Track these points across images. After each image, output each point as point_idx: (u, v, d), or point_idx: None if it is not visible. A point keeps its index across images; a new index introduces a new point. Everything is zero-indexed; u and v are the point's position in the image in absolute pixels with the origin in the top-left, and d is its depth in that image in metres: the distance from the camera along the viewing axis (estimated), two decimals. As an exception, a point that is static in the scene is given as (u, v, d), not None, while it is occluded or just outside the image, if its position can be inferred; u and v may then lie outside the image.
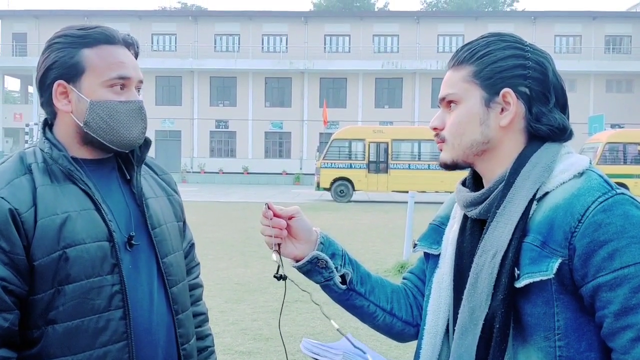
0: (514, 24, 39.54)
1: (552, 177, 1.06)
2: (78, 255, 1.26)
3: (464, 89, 1.12)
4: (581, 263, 0.99)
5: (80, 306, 1.27)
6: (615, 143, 21.43)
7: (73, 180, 1.32)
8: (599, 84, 38.35)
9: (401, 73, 38.78)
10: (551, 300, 1.01)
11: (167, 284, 1.41)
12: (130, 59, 1.39)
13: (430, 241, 1.27)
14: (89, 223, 1.29)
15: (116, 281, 1.31)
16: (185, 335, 1.46)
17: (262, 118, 39.17)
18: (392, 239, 11.23)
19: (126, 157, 1.43)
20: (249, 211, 17.11)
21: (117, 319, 1.30)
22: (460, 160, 1.15)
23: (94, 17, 40.12)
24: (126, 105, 1.35)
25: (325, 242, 1.27)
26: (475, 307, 1.07)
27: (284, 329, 5.38)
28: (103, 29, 1.38)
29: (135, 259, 1.36)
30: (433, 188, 22.10)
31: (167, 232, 1.45)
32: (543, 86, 1.10)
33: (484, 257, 1.07)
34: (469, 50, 1.14)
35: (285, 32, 40.48)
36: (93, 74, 1.33)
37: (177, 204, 1.57)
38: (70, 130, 1.36)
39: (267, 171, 37.44)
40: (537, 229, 1.03)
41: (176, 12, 45.27)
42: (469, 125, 1.11)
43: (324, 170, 22.32)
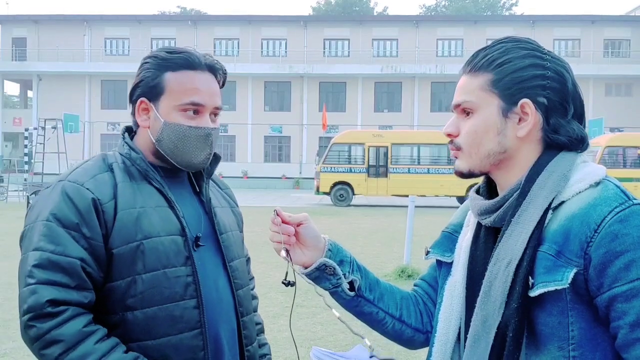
0: (512, 28, 39.62)
1: (568, 187, 1.06)
2: (153, 246, 1.37)
3: (482, 97, 1.10)
4: (597, 273, 0.98)
5: (157, 294, 1.36)
6: (615, 147, 21.46)
7: (149, 180, 1.44)
8: (598, 88, 38.41)
9: (400, 77, 38.83)
10: (566, 309, 1.00)
11: (233, 286, 1.50)
12: (209, 85, 1.46)
13: (443, 249, 1.26)
14: (163, 218, 1.40)
15: (189, 272, 1.40)
16: (249, 337, 1.55)
17: (262, 122, 39.20)
18: (392, 243, 11.21)
19: (197, 170, 1.54)
20: (248, 216, 17.06)
21: (191, 307, 1.39)
22: (477, 170, 1.14)
23: (94, 22, 40.21)
24: (195, 130, 1.43)
25: (333, 249, 1.27)
26: (488, 315, 1.06)
27: (285, 335, 5.35)
28: (187, 54, 1.46)
29: (204, 258, 1.45)
30: (433, 192, 22.11)
31: (232, 239, 1.56)
32: (561, 97, 1.09)
33: (498, 265, 1.06)
34: (487, 57, 1.11)
35: (285, 36, 40.55)
36: (170, 97, 1.43)
37: (239, 215, 1.70)
38: (147, 142, 1.48)
39: (266, 175, 37.43)
40: (552, 238, 1.02)
41: (175, 17, 45.36)
42: (485, 135, 1.10)
43: (323, 175, 22.32)
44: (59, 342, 1.27)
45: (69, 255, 1.31)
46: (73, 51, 39.99)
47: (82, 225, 1.33)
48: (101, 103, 40.23)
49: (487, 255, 1.11)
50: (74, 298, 1.31)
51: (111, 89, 40.17)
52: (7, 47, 40.91)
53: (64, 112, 24.15)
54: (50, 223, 1.33)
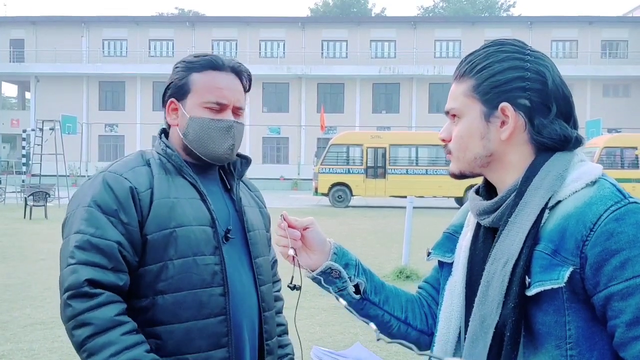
0: (510, 29, 39.66)
1: (564, 186, 1.06)
2: (185, 235, 1.45)
3: (465, 103, 1.13)
4: (593, 272, 0.98)
5: (187, 279, 1.44)
6: (613, 147, 21.49)
7: (183, 174, 1.53)
8: (596, 89, 38.47)
9: (398, 78, 38.86)
10: (562, 308, 1.00)
11: (257, 282, 1.57)
12: (232, 85, 1.56)
13: (444, 249, 1.27)
14: (196, 209, 1.49)
15: (217, 262, 1.48)
16: (269, 332, 1.61)
17: (260, 123, 39.20)
18: (390, 244, 11.21)
19: (228, 170, 1.65)
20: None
21: (218, 294, 1.46)
22: (467, 172, 1.16)
23: (92, 23, 40.18)
24: (217, 122, 1.53)
25: (338, 253, 1.29)
26: (486, 315, 1.06)
27: (282, 335, 5.35)
28: (212, 57, 1.57)
29: (231, 251, 1.53)
30: (431, 193, 22.13)
31: (259, 237, 1.63)
32: (543, 97, 1.09)
33: (495, 265, 1.06)
34: (470, 63, 1.13)
35: (283, 38, 40.57)
36: (196, 95, 1.54)
37: (267, 217, 1.77)
38: (177, 139, 1.58)
39: (264, 176, 37.41)
40: (548, 237, 1.02)
41: (173, 18, 45.35)
42: (470, 140, 1.12)
43: (322, 176, 22.33)
44: (89, 325, 1.34)
45: (108, 239, 1.40)
46: (71, 52, 39.95)
47: (120, 211, 1.43)
48: (99, 104, 40.19)
49: (486, 255, 1.11)
50: (110, 279, 1.38)
51: (109, 90, 40.15)
52: (4, 49, 40.86)
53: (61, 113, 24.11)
54: (91, 208, 1.43)
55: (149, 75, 39.20)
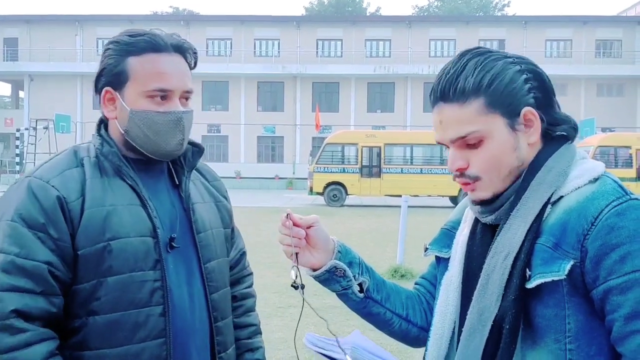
0: (505, 28, 39.76)
1: (567, 182, 1.07)
2: (121, 248, 1.29)
3: (487, 122, 1.08)
4: (592, 266, 0.98)
5: (122, 299, 1.29)
6: (607, 147, 21.59)
7: (121, 176, 1.35)
8: (590, 88, 38.60)
9: (393, 77, 38.90)
10: (562, 302, 1.01)
11: (207, 290, 1.42)
12: (177, 68, 1.37)
13: (441, 245, 1.27)
14: (134, 218, 1.33)
15: (158, 277, 1.32)
16: (223, 344, 1.45)
17: (255, 122, 39.16)
18: (385, 243, 11.22)
19: (177, 162, 1.45)
20: (241, 216, 17.07)
21: (157, 315, 1.31)
22: (500, 192, 1.11)
23: (86, 22, 40.06)
24: (164, 116, 1.35)
25: (342, 251, 1.27)
26: (484, 308, 1.06)
27: (278, 335, 5.35)
28: (151, 36, 1.36)
29: (177, 260, 1.38)
30: (426, 192, 22.16)
31: (211, 238, 1.46)
32: (544, 91, 1.11)
33: (496, 258, 1.06)
34: (471, 81, 1.07)
35: (278, 37, 40.53)
36: (135, 83, 1.35)
37: (225, 210, 1.58)
38: (117, 134, 1.40)
39: (259, 176, 37.38)
40: (550, 231, 1.03)
41: (168, 17, 45.24)
42: (504, 156, 1.09)
43: (317, 175, 22.31)
44: None
45: (35, 259, 1.24)
46: (65, 51, 39.80)
47: (49, 225, 1.26)
48: (93, 103, 39.99)
49: (484, 250, 1.12)
50: (40, 306, 1.23)
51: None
52: (-2, 47, 40.69)
53: (55, 112, 24.05)
54: (15, 223, 1.25)
55: (144, 74, 39.06)
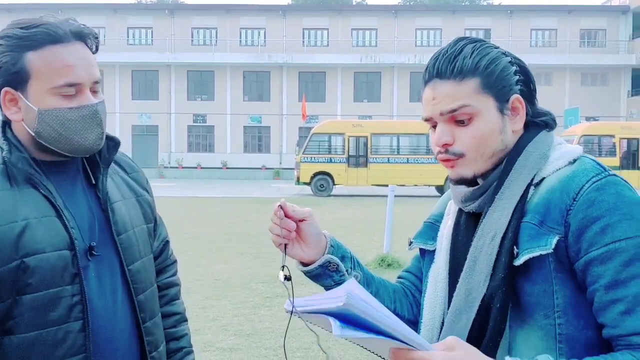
0: (490, 18, 39.84)
1: (548, 164, 1.10)
2: (37, 264, 1.21)
3: (479, 101, 1.11)
4: (574, 239, 1.01)
5: (39, 317, 1.22)
6: (591, 135, 21.81)
7: (34, 184, 1.25)
8: (574, 77, 38.87)
9: (380, 67, 38.86)
10: (550, 277, 1.03)
11: (133, 293, 1.36)
12: (82, 58, 1.27)
13: (426, 237, 1.28)
14: (50, 231, 1.24)
15: (76, 292, 1.25)
16: (154, 343, 1.42)
17: (241, 112, 38.98)
18: (372, 232, 11.26)
19: (93, 159, 1.37)
20: (228, 206, 17.03)
21: (76, 330, 1.25)
22: (481, 172, 1.14)
23: (69, 11, 39.42)
24: (78, 111, 1.25)
25: (334, 245, 1.26)
26: (472, 288, 1.08)
27: (265, 325, 5.36)
28: (48, 26, 1.25)
29: (99, 267, 1.31)
30: (412, 181, 22.26)
31: (134, 238, 1.40)
32: (528, 86, 1.16)
33: (483, 240, 1.09)
34: (470, 61, 1.11)
35: (264, 26, 40.28)
36: (39, 81, 1.24)
37: (147, 204, 1.50)
38: (26, 136, 1.29)
39: (246, 166, 37.28)
40: (534, 209, 1.06)
41: (152, 6, 44.73)
42: (491, 136, 1.12)
43: (303, 165, 22.32)
44: None
45: None
46: (47, 40, 39.22)
47: None
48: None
49: (469, 240, 1.13)
50: None
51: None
52: (-21, 36, 39.99)
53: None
54: None
55: (128, 64, 38.69)
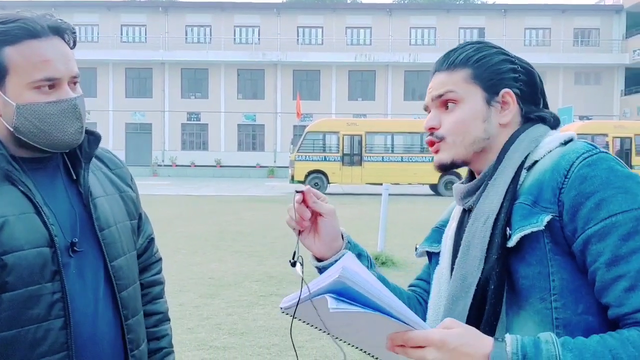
0: (485, 16, 39.92)
1: (539, 148, 1.10)
2: (16, 262, 1.20)
3: (466, 89, 1.15)
4: (570, 217, 0.99)
5: (18, 316, 1.21)
6: (584, 134, 21.89)
7: (12, 181, 1.25)
8: (568, 76, 39.01)
9: (374, 65, 38.87)
10: (545, 259, 1.00)
11: (116, 289, 1.35)
12: (60, 52, 1.28)
13: (431, 241, 1.28)
14: (29, 228, 1.23)
15: (57, 289, 1.24)
16: (135, 341, 1.41)
17: (235, 110, 38.90)
18: (366, 230, 11.26)
19: (73, 154, 1.35)
20: (222, 205, 17.00)
21: (57, 328, 1.24)
22: (460, 159, 1.16)
23: (62, 8, 39.29)
24: (56, 105, 1.26)
25: (351, 242, 1.24)
26: (467, 273, 1.07)
27: (259, 323, 5.36)
28: (25, 21, 1.25)
29: (81, 264, 1.30)
30: (406, 180, 22.28)
31: (117, 234, 1.39)
32: (532, 89, 1.17)
33: (476, 225, 1.08)
34: (463, 55, 1.17)
35: (258, 24, 40.20)
36: (17, 76, 1.24)
37: (130, 200, 1.50)
38: (4, 132, 1.28)
39: (240, 164, 37.22)
40: (527, 191, 1.04)
41: (146, 3, 44.56)
42: (472, 123, 1.14)
43: (298, 163, 22.31)
44: None
45: None
46: (40, 38, 39.01)
47: None
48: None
49: None
50: None
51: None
52: (-29, 33, 39.74)
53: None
54: None
55: (121, 62, 38.54)
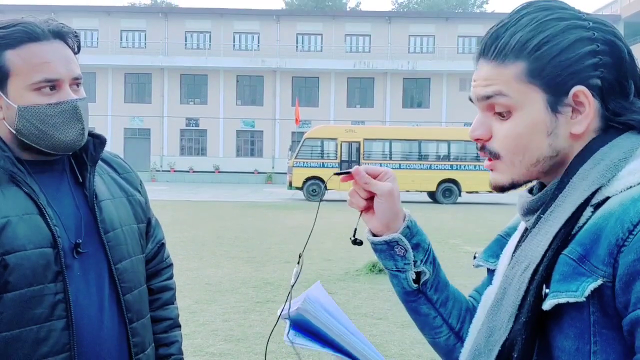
0: (483, 25, 40.04)
1: (617, 179, 0.80)
2: (18, 262, 1.20)
3: (521, 92, 0.85)
4: (622, 286, 0.73)
5: (20, 316, 1.21)
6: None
7: (16, 182, 1.26)
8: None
9: (373, 73, 38.97)
10: (587, 333, 0.76)
11: (120, 292, 1.35)
12: (61, 55, 1.29)
13: (490, 254, 1.05)
14: (32, 228, 1.23)
15: (59, 290, 1.24)
16: (141, 344, 1.40)
17: (234, 116, 38.93)
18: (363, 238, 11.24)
19: (79, 157, 1.36)
20: (220, 210, 16.98)
21: (60, 329, 1.24)
22: (522, 181, 0.91)
23: (61, 13, 39.37)
24: (57, 107, 1.26)
25: (412, 227, 1.04)
26: (494, 327, 0.86)
27: (256, 330, 5.34)
28: (26, 25, 1.27)
29: (85, 266, 1.30)
30: (404, 187, 22.26)
31: (122, 236, 1.39)
32: (618, 73, 0.84)
33: (515, 270, 0.86)
34: (516, 39, 0.85)
35: (257, 30, 40.31)
36: (18, 78, 1.25)
37: (138, 204, 1.49)
38: (7, 135, 1.29)
39: (238, 170, 37.22)
40: (580, 239, 0.78)
41: (146, 9, 44.68)
42: (533, 138, 0.86)
43: (296, 170, 22.33)
44: None
45: None
46: (40, 42, 39.03)
47: None
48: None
49: None
50: None
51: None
52: (-30, 37, 39.75)
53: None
54: None
55: (121, 67, 38.58)
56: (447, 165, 22.42)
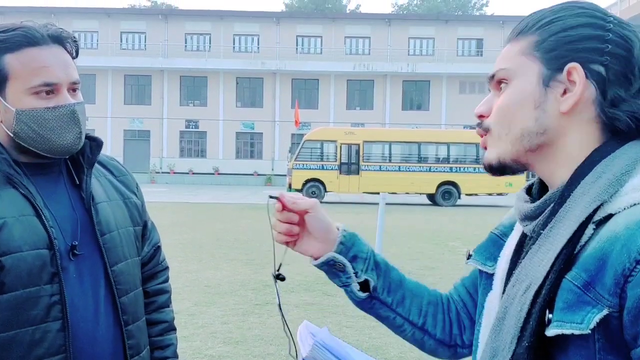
0: (483, 28, 40.11)
1: (619, 195, 0.77)
2: (14, 264, 1.20)
3: (520, 63, 0.86)
4: (631, 319, 0.70)
5: (16, 317, 1.21)
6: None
7: (13, 184, 1.26)
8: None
9: (372, 75, 38.99)
10: (593, 359, 0.74)
11: (115, 294, 1.36)
12: (60, 59, 1.30)
13: (486, 255, 1.02)
14: (28, 230, 1.24)
15: (55, 291, 1.25)
16: (136, 347, 1.41)
17: (233, 118, 38.94)
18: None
19: (76, 160, 1.37)
20: (219, 212, 16.97)
21: (55, 330, 1.24)
22: (509, 159, 0.88)
23: (61, 15, 39.43)
24: (55, 111, 1.28)
25: (347, 242, 1.08)
26: (497, 349, 0.83)
27: (255, 332, 5.34)
28: (25, 29, 1.28)
29: (81, 267, 1.31)
30: (403, 189, 22.32)
31: (118, 239, 1.40)
32: (625, 66, 0.82)
33: (516, 289, 0.83)
34: (533, 18, 0.88)
35: (257, 32, 40.34)
36: (16, 82, 1.26)
37: (135, 207, 1.50)
38: (5, 138, 1.30)
39: (238, 172, 37.22)
40: (584, 263, 0.75)
41: (146, 11, 44.71)
42: (519, 109, 0.85)
43: (295, 172, 22.34)
44: None
45: None
46: (40, 44, 39.03)
47: None
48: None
49: None
50: None
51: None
52: (-30, 39, 39.74)
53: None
54: None
55: (121, 68, 38.60)
56: (446, 168, 22.43)
